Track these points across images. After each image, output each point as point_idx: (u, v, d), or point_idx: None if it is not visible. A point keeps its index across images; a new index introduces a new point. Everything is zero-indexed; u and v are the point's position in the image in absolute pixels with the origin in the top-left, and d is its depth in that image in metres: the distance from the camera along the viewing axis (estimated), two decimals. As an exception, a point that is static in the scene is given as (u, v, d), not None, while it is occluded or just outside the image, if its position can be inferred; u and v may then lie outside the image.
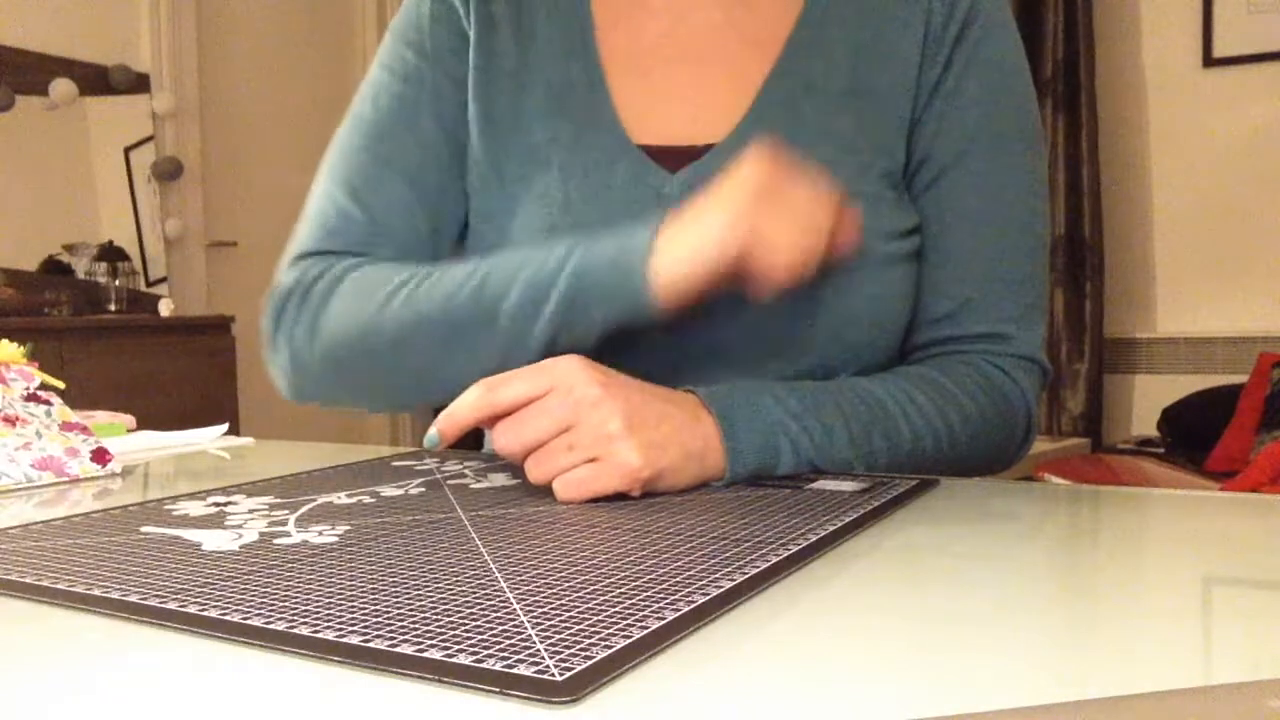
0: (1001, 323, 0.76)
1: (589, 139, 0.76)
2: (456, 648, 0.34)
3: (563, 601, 0.38)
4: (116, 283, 3.07)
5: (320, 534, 0.51)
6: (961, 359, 0.76)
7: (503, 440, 0.59)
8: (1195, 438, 3.00)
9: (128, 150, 3.28)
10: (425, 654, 0.33)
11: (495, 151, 0.79)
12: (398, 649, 0.34)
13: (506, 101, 0.80)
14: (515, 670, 0.32)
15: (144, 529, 0.54)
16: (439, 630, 0.35)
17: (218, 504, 0.60)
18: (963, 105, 0.76)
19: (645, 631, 0.35)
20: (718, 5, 0.79)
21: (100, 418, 0.97)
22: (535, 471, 0.59)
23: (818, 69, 0.76)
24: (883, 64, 0.76)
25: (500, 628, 0.35)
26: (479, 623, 0.36)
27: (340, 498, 0.61)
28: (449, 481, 0.66)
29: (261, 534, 0.51)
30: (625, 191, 0.74)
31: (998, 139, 0.76)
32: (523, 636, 0.35)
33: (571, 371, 0.59)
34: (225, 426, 0.98)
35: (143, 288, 3.25)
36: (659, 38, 0.79)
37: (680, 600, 0.38)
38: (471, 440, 0.91)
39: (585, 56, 0.78)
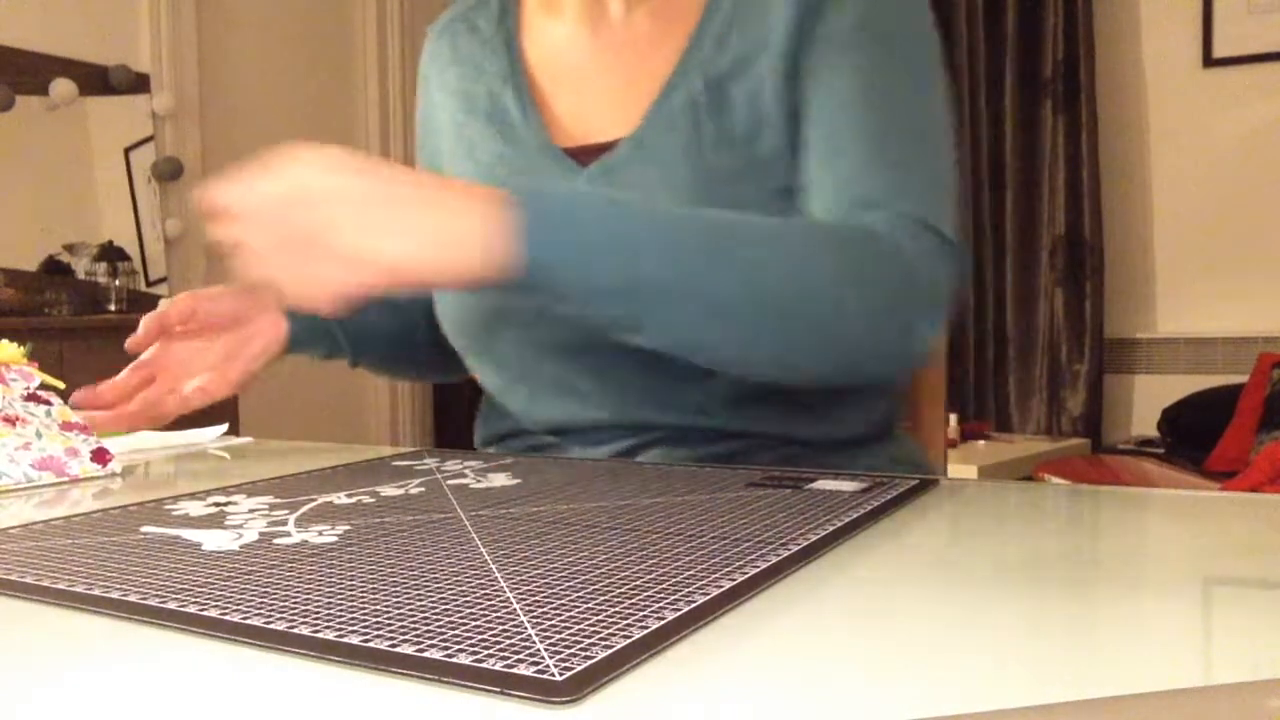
0: (880, 191, 0.72)
1: (520, 150, 0.84)
2: (456, 648, 0.34)
3: (563, 601, 0.38)
4: (116, 283, 3.07)
5: (320, 534, 0.51)
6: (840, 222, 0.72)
7: (251, 240, 0.59)
8: (1195, 438, 3.00)
9: (128, 150, 3.28)
10: (425, 654, 0.33)
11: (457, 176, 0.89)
12: (398, 649, 0.34)
13: (459, 136, 0.89)
14: (515, 670, 0.32)
15: (144, 529, 0.54)
16: (439, 630, 0.35)
17: (218, 504, 0.60)
18: (842, 24, 0.75)
19: (645, 631, 0.35)
20: (624, 18, 0.84)
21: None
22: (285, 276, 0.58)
23: (716, 58, 0.79)
24: (766, 38, 0.77)
25: (500, 628, 0.35)
26: (479, 623, 0.36)
27: (340, 498, 0.61)
28: (449, 481, 0.66)
29: (261, 534, 0.51)
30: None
31: (876, 38, 0.75)
32: (523, 636, 0.35)
33: (309, 168, 0.59)
34: (225, 426, 0.98)
35: (143, 288, 3.25)
36: (575, 53, 0.86)
37: (680, 600, 0.38)
38: (472, 440, 0.92)
39: (515, 81, 0.87)
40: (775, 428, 0.78)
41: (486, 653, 0.33)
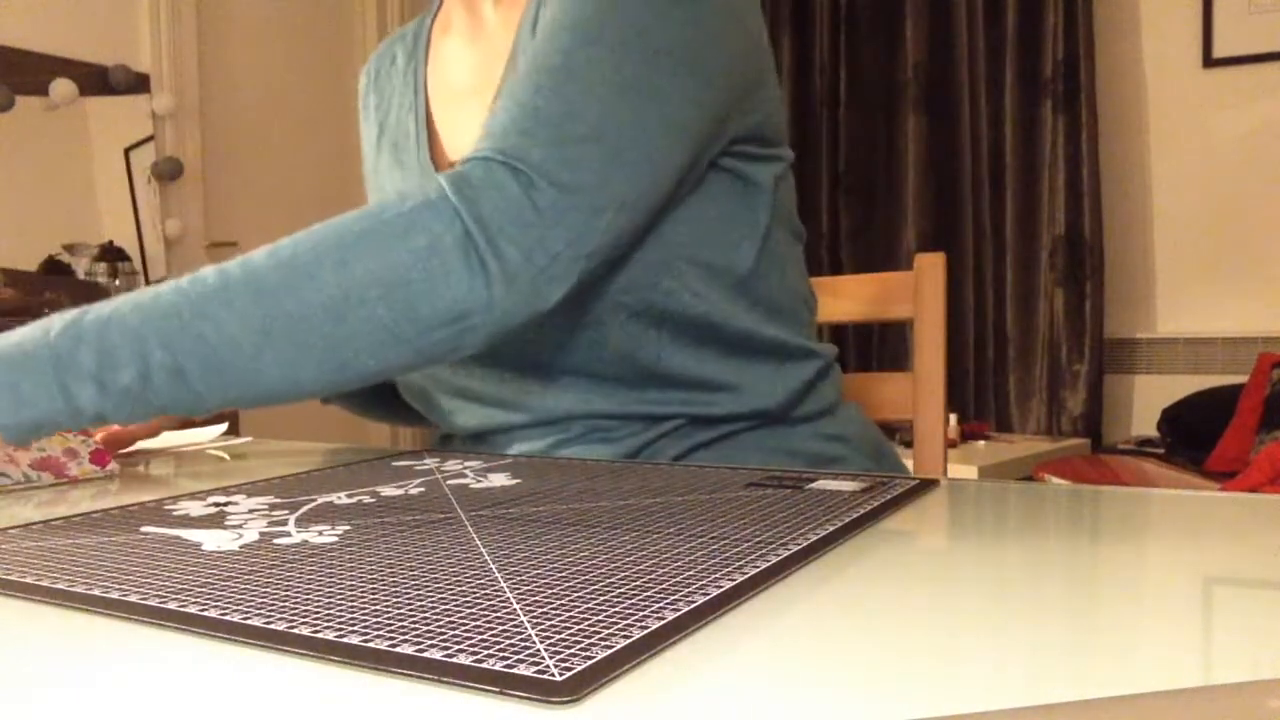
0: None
1: (409, 175, 0.85)
2: (456, 648, 0.34)
3: (563, 601, 0.38)
4: (116, 283, 3.07)
5: (320, 534, 0.51)
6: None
7: None
8: (1195, 438, 3.00)
9: (128, 150, 3.28)
10: (425, 654, 0.33)
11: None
12: (398, 649, 0.34)
13: (373, 168, 0.91)
14: (515, 670, 0.32)
15: (144, 529, 0.54)
16: (439, 630, 0.35)
17: (218, 504, 0.60)
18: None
19: (645, 631, 0.35)
20: (496, 26, 0.84)
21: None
22: None
23: (522, 46, 0.79)
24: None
25: (500, 628, 0.35)
26: (479, 623, 0.36)
27: (340, 498, 0.61)
28: (449, 481, 0.66)
29: (261, 534, 0.51)
30: None
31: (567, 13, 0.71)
32: (523, 636, 0.35)
33: None
34: (225, 426, 0.98)
35: (143, 287, 3.25)
36: (461, 70, 0.87)
37: (680, 600, 0.38)
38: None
39: (416, 106, 0.87)
40: (680, 408, 0.76)
41: (486, 653, 0.33)
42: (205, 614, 0.38)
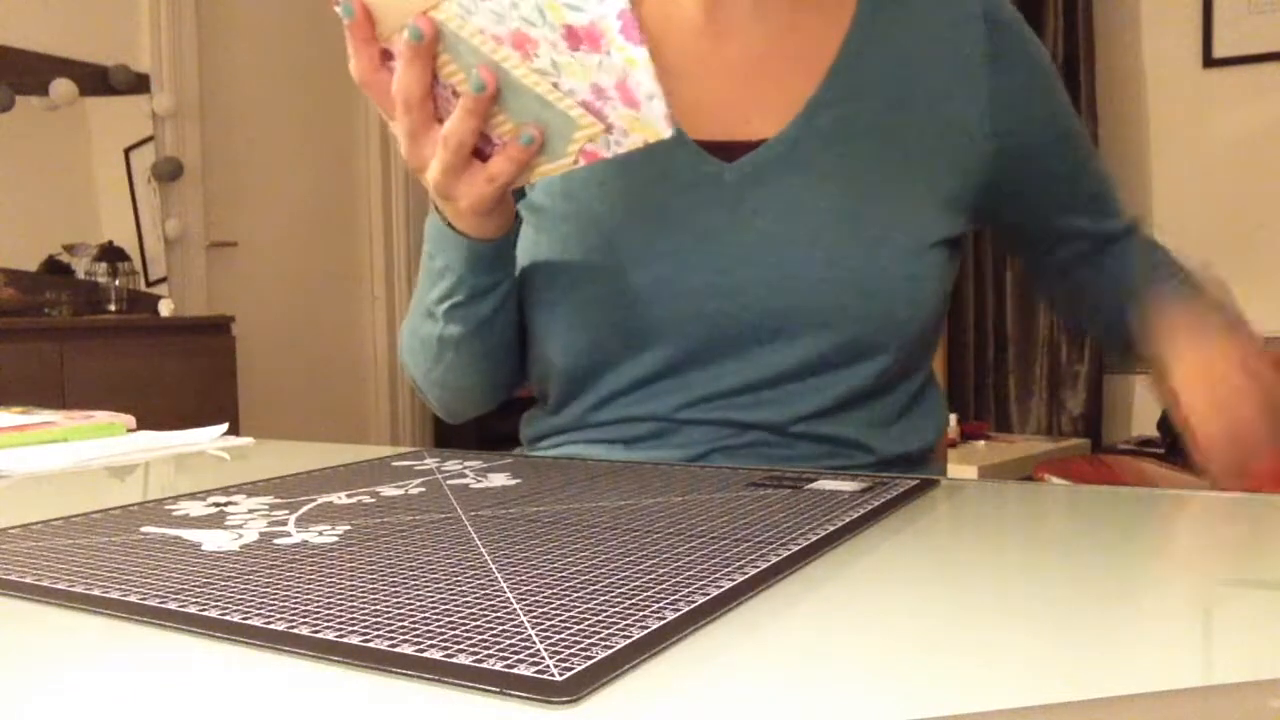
0: (1124, 220, 0.97)
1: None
2: (456, 648, 0.34)
3: (563, 601, 0.38)
4: (116, 283, 3.07)
5: (320, 534, 0.51)
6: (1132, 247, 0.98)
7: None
8: (1195, 438, 2.99)
9: (128, 150, 3.28)
10: (425, 654, 0.33)
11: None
12: (398, 649, 0.34)
13: None
14: (515, 670, 0.32)
15: (144, 529, 0.54)
16: (439, 630, 0.35)
17: (218, 504, 0.60)
18: (1029, 101, 0.86)
19: (645, 631, 0.35)
20: (763, 30, 0.83)
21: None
22: None
23: (867, 78, 0.81)
24: (933, 73, 0.81)
25: (500, 628, 0.35)
26: (479, 623, 0.36)
27: (340, 498, 0.61)
28: (449, 481, 0.66)
29: (261, 534, 0.51)
30: (683, 176, 0.79)
31: (1061, 118, 0.92)
32: (523, 636, 0.35)
33: None
34: (225, 426, 0.98)
35: (143, 288, 3.25)
36: (709, 55, 0.84)
37: (680, 600, 0.38)
38: (471, 440, 0.91)
39: None
40: (857, 434, 0.80)
41: (486, 653, 0.33)
42: (205, 614, 0.38)
